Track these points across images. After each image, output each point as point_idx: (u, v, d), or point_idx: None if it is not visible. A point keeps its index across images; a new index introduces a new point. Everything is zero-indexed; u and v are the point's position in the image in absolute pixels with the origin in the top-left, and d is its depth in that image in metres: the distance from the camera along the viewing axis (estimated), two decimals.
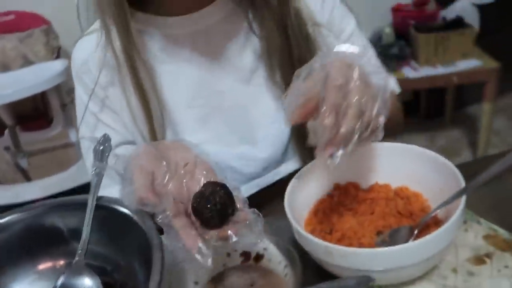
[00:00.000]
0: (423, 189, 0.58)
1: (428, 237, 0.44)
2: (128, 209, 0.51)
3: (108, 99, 0.68)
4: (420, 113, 2.48)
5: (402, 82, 2.09)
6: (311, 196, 0.61)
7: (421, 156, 0.58)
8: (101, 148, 0.59)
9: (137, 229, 0.50)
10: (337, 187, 0.62)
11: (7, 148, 1.83)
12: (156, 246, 0.46)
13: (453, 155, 2.16)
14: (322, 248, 0.47)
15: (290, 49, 0.67)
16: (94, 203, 0.54)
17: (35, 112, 1.80)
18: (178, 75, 0.68)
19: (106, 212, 0.53)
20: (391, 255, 0.44)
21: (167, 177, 0.48)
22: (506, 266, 0.50)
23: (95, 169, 0.57)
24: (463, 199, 0.48)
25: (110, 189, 0.69)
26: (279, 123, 0.70)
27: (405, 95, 2.49)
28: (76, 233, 0.53)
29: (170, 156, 0.50)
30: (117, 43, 0.64)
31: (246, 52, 0.69)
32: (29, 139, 1.77)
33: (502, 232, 0.55)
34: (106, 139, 0.60)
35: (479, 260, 0.52)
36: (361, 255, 0.45)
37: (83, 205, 0.54)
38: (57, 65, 1.66)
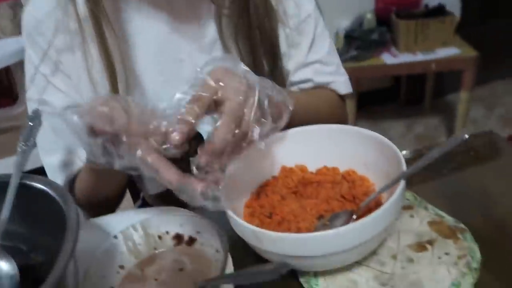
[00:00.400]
0: (370, 173, 0.56)
1: (355, 224, 0.41)
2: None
3: (62, 64, 0.63)
4: (400, 99, 2.46)
5: (380, 68, 2.07)
6: (255, 177, 0.58)
7: (369, 139, 0.55)
8: (31, 124, 0.55)
9: (57, 208, 0.46)
10: (283, 169, 0.59)
11: None
12: (71, 226, 0.42)
13: (430, 143, 2.16)
14: (249, 232, 0.44)
15: (249, 21, 0.64)
16: (17, 182, 0.50)
17: None
18: (139, 40, 0.64)
19: (25, 190, 0.49)
20: (318, 241, 0.41)
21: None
22: (447, 253, 0.48)
23: (21, 146, 0.54)
24: (402, 183, 0.45)
25: (50, 157, 0.66)
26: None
27: (385, 81, 2.48)
28: None
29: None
30: (80, 7, 0.59)
31: (207, 22, 0.65)
32: None
33: (448, 219, 0.53)
34: (36, 115, 0.56)
35: (421, 246, 0.50)
36: (287, 240, 0.42)
37: (4, 184, 0.50)
38: (22, 40, 1.58)
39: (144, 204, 0.88)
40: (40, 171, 0.66)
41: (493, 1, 2.40)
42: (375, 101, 2.49)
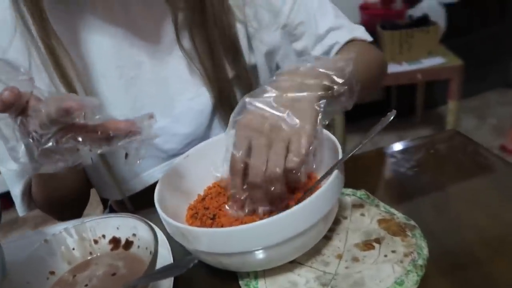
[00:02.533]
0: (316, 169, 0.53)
1: (281, 215, 0.38)
2: None
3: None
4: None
5: None
6: (205, 177, 0.56)
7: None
8: None
9: None
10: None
11: None
12: None
13: None
14: (175, 230, 0.41)
15: (206, 18, 0.63)
16: None
17: None
18: (96, 45, 0.62)
19: None
20: (243, 234, 0.39)
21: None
22: (394, 251, 0.45)
23: None
24: (335, 172, 0.43)
25: (6, 165, 0.64)
26: (202, 97, 0.66)
27: (376, 94, 2.46)
28: None
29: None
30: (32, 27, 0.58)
31: (165, 22, 0.64)
32: None
33: (399, 216, 0.50)
34: None
35: (368, 245, 0.47)
36: (211, 235, 0.39)
37: None
38: None
39: (112, 211, 0.86)
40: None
41: (481, 10, 2.41)
42: (366, 114, 2.48)
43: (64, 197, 0.65)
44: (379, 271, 0.43)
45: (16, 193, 0.64)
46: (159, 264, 0.42)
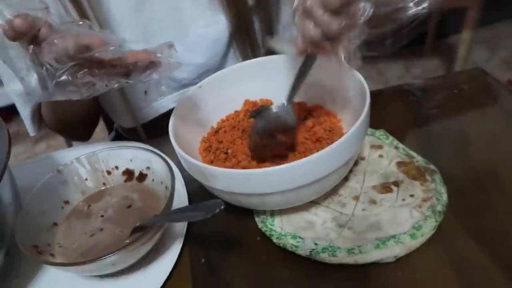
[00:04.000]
0: (338, 109, 0.51)
1: (302, 161, 0.37)
2: None
3: None
4: None
5: None
6: (216, 111, 0.54)
7: (338, 71, 0.49)
8: None
9: None
10: (247, 103, 0.55)
11: None
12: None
13: None
14: (195, 168, 0.40)
15: None
16: None
17: None
18: None
19: None
20: (262, 177, 0.37)
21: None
22: (412, 195, 0.45)
23: None
24: (364, 115, 0.40)
25: (13, 85, 0.61)
26: (219, 25, 0.61)
27: None
28: None
29: None
30: None
31: None
32: None
33: (419, 159, 0.49)
34: None
35: (386, 188, 0.47)
36: (231, 176, 0.38)
37: None
38: None
39: (118, 136, 0.85)
40: None
41: None
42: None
43: (74, 120, 0.64)
44: (396, 215, 0.43)
45: (26, 114, 0.62)
46: (175, 198, 0.42)
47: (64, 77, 0.35)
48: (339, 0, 0.36)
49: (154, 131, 0.66)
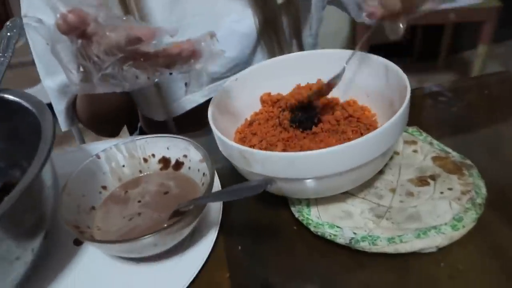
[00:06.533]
0: (372, 103, 0.51)
1: (347, 144, 0.37)
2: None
3: None
4: (414, 54, 2.36)
5: None
6: (252, 101, 0.54)
7: (373, 64, 0.50)
8: (8, 34, 0.51)
9: (33, 120, 0.43)
10: (280, 96, 0.55)
11: None
12: (45, 136, 0.39)
13: None
14: (236, 152, 0.40)
15: None
16: None
17: None
18: None
19: (4, 105, 0.46)
20: (307, 160, 0.38)
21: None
22: (450, 189, 0.45)
23: None
24: (404, 105, 0.41)
25: (49, 80, 0.62)
26: (247, 20, 0.62)
27: None
28: None
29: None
30: None
31: None
32: None
33: (454, 155, 0.49)
34: (14, 25, 0.52)
35: (422, 181, 0.46)
36: (275, 159, 0.38)
37: None
38: None
39: (142, 134, 0.86)
40: None
41: None
42: (387, 55, 2.40)
43: (109, 114, 0.64)
44: (435, 207, 0.43)
45: (60, 109, 0.63)
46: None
47: (109, 70, 0.36)
48: None
49: (183, 125, 0.67)
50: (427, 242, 0.39)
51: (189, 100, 0.64)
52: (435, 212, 0.42)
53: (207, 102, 0.58)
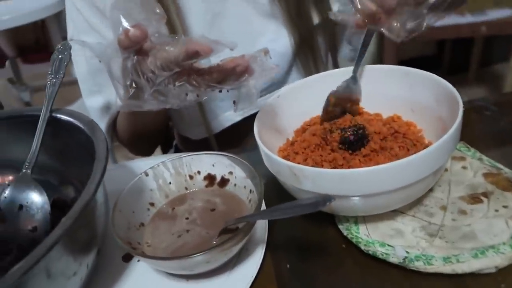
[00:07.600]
0: (418, 118, 0.51)
1: (399, 162, 0.36)
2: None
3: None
4: (443, 68, 2.33)
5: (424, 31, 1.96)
6: (294, 118, 0.54)
7: (418, 79, 0.49)
8: (60, 57, 0.53)
9: (85, 139, 0.44)
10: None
11: (11, 80, 1.80)
12: (99, 156, 0.40)
13: None
14: (285, 169, 0.40)
15: None
16: (48, 114, 0.49)
17: (37, 45, 1.74)
18: None
19: (55, 123, 0.48)
20: (358, 177, 0.37)
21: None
22: (505, 206, 0.43)
23: (50, 79, 0.52)
24: (457, 121, 0.40)
25: (91, 100, 0.64)
26: (283, 39, 0.63)
27: (428, 48, 2.34)
28: (25, 147, 0.48)
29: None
30: None
31: None
32: (31, 71, 1.73)
33: (507, 171, 0.47)
34: (65, 47, 0.54)
35: (475, 198, 0.45)
36: (325, 176, 0.38)
37: (32, 117, 0.49)
38: None
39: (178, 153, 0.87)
40: None
41: None
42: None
43: (148, 132, 0.66)
44: (491, 225, 0.41)
45: (101, 127, 0.65)
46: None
47: (161, 86, 0.37)
48: None
49: (219, 143, 0.67)
50: (486, 262, 0.38)
51: (227, 118, 0.65)
52: (491, 231, 0.41)
53: (243, 120, 0.59)
